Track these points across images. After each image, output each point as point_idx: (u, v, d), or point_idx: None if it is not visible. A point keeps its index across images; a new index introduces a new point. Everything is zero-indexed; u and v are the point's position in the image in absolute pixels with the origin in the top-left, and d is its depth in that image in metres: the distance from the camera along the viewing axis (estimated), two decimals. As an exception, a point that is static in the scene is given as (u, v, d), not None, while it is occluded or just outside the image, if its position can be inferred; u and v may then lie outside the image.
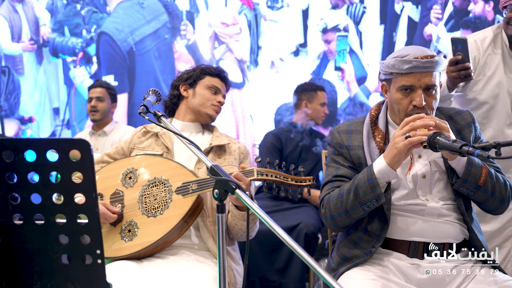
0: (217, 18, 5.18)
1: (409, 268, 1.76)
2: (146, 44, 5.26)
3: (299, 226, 3.20)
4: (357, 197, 1.74)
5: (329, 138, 1.95)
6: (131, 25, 5.27)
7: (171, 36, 5.26)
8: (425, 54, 1.75)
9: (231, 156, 2.14)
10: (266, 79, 5.08)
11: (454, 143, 1.56)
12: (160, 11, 5.28)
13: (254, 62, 5.10)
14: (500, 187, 1.76)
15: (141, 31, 5.26)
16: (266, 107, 5.04)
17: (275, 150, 3.65)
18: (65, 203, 1.20)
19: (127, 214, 2.01)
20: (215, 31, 5.18)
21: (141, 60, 5.27)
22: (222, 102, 2.27)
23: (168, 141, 2.16)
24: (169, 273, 1.84)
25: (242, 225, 1.98)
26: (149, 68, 5.26)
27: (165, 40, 5.26)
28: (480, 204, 1.81)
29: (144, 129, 2.24)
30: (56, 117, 5.49)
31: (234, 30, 5.15)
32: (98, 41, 5.34)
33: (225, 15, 5.17)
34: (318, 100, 3.73)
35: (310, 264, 1.19)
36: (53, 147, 1.18)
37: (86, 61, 5.39)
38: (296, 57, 5.04)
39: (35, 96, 5.55)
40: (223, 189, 1.43)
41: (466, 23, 4.59)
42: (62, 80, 5.49)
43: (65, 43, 5.43)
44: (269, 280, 3.22)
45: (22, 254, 1.24)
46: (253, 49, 5.10)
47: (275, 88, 5.01)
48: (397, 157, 1.68)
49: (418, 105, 1.75)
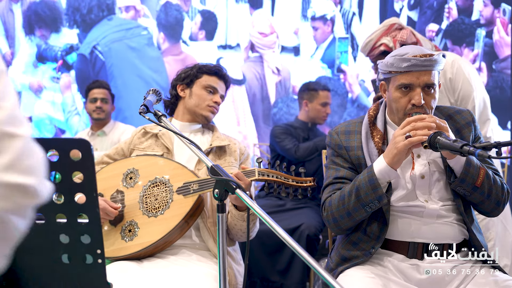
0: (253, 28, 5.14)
1: (409, 268, 1.76)
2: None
3: (301, 228, 3.20)
4: (359, 198, 1.73)
5: (328, 139, 1.94)
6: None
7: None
8: (424, 53, 1.75)
9: (231, 157, 2.13)
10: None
11: (454, 142, 1.55)
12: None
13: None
14: (497, 189, 1.76)
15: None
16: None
17: (291, 134, 3.63)
18: (65, 202, 1.20)
19: (128, 214, 2.01)
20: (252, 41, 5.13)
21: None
22: (218, 102, 2.24)
23: (168, 141, 2.16)
24: (169, 273, 1.84)
25: (241, 225, 1.98)
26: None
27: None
28: (476, 205, 1.80)
29: (144, 130, 2.23)
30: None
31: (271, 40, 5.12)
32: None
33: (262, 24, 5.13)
34: (319, 100, 3.71)
35: (309, 262, 1.19)
36: (53, 147, 1.18)
37: (66, 69, 5.38)
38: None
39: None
40: (224, 189, 1.44)
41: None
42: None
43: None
44: (270, 281, 3.22)
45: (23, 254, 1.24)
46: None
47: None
48: (398, 156, 1.68)
49: (417, 103, 1.74)
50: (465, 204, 1.80)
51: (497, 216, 1.92)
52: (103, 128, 4.06)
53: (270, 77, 5.10)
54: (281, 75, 5.09)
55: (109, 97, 4.04)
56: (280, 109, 5.02)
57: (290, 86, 5.07)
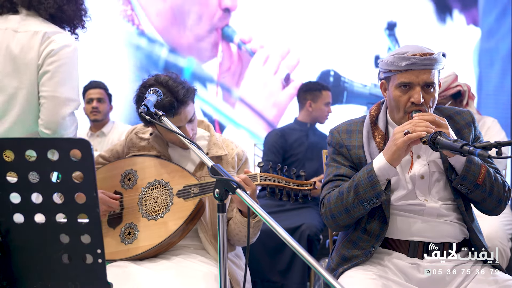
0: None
1: (409, 268, 1.76)
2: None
3: (302, 228, 3.20)
4: (357, 195, 1.73)
5: (329, 138, 1.95)
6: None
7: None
8: (423, 51, 1.75)
9: (229, 164, 2.07)
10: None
11: (455, 142, 1.56)
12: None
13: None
14: (499, 187, 1.76)
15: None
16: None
17: (277, 149, 3.65)
18: (65, 202, 1.20)
19: (127, 216, 2.00)
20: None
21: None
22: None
23: (160, 147, 2.08)
24: (170, 273, 1.84)
25: (246, 232, 1.95)
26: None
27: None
28: (478, 204, 1.80)
29: (135, 135, 2.15)
30: None
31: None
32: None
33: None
34: (323, 99, 3.75)
35: (309, 262, 1.19)
36: (53, 147, 1.18)
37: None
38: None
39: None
40: (224, 189, 1.43)
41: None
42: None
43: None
44: (271, 281, 3.22)
45: (23, 254, 1.23)
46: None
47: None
48: (397, 153, 1.68)
49: (417, 101, 1.75)
50: (466, 204, 1.80)
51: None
52: (102, 129, 4.05)
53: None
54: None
55: (105, 97, 4.02)
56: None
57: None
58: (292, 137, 3.72)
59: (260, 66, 5.01)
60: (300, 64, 5.00)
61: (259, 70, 5.01)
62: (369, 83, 4.96)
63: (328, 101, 3.76)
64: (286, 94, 5.00)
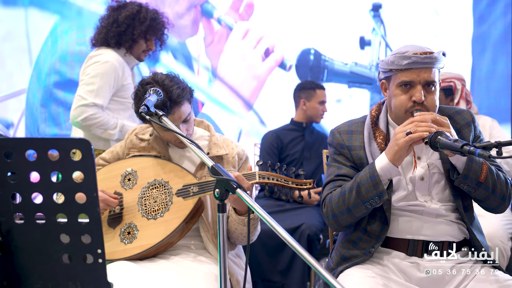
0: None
1: (409, 267, 1.76)
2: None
3: (302, 227, 3.20)
4: (359, 194, 1.73)
5: (330, 138, 1.95)
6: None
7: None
8: (424, 50, 1.76)
9: (229, 164, 2.07)
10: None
11: (455, 142, 1.56)
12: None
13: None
14: (501, 184, 1.75)
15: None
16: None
17: (273, 151, 3.66)
18: (66, 202, 1.20)
19: (126, 216, 2.00)
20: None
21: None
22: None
23: (160, 148, 2.09)
24: (170, 272, 1.84)
25: (242, 229, 1.96)
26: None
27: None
28: (481, 202, 1.80)
29: (135, 137, 2.16)
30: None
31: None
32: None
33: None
34: (317, 98, 3.75)
35: (310, 262, 1.19)
36: (54, 147, 1.18)
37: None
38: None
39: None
40: (224, 189, 1.43)
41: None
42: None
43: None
44: (271, 281, 3.22)
45: (23, 254, 1.24)
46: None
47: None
48: (399, 153, 1.68)
49: (418, 100, 1.74)
50: (465, 205, 1.80)
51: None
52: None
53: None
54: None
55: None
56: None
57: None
58: (288, 138, 3.73)
59: (239, 40, 4.95)
60: (281, 42, 4.94)
61: (238, 44, 4.95)
62: (351, 62, 4.92)
63: (323, 99, 3.75)
64: (265, 66, 4.93)
